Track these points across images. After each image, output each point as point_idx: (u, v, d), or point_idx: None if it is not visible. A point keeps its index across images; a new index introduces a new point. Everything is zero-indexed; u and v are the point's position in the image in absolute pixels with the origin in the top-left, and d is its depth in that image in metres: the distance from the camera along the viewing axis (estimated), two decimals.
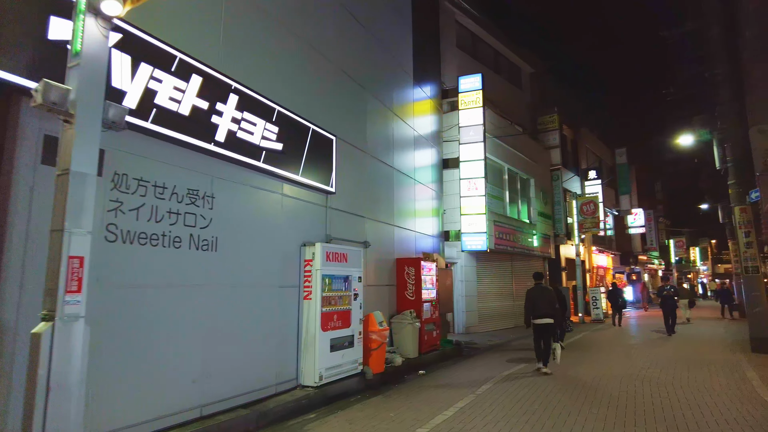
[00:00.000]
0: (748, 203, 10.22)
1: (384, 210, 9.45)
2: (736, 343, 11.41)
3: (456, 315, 14.17)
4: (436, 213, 12.40)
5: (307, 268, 6.62)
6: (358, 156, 8.60)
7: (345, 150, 8.14)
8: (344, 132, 8.11)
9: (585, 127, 26.36)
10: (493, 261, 15.69)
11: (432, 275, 9.98)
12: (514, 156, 17.09)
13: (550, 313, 8.17)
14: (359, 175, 8.61)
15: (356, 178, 8.50)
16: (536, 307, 8.28)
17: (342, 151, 7.97)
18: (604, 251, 26.51)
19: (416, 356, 8.99)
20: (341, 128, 8.01)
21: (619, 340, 12.84)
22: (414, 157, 11.13)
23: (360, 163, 8.68)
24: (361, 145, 8.72)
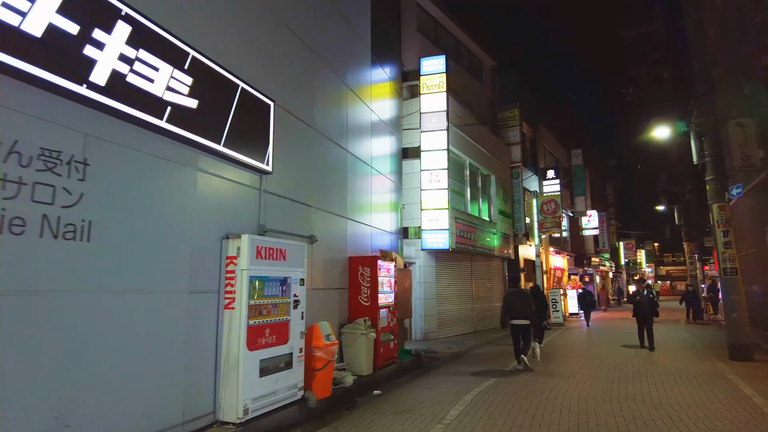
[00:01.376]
0: (727, 200, 9.53)
1: (336, 200, 8.00)
2: (708, 349, 10.76)
3: (414, 320, 12.90)
4: (394, 207, 11.07)
5: (229, 268, 5.06)
6: (304, 132, 7.11)
7: (288, 122, 6.64)
8: (287, 100, 6.61)
9: (543, 127, 25.93)
10: (453, 261, 14.56)
11: (390, 277, 8.63)
12: (477, 150, 16.07)
13: (526, 315, 8.75)
14: (306, 155, 7.12)
15: (302, 159, 7.00)
16: (513, 309, 8.80)
17: (284, 123, 6.46)
18: (560, 252, 26.17)
19: (371, 372, 7.59)
20: (284, 95, 6.50)
21: (589, 347, 11.98)
22: (371, 144, 9.74)
23: (307, 140, 7.19)
24: (308, 120, 7.23)
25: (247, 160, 5.50)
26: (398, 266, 10.51)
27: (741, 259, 12.38)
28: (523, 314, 8.69)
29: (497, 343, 12.90)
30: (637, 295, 11.70)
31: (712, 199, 9.67)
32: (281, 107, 6.43)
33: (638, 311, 11.24)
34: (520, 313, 8.70)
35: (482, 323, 15.94)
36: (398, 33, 13.17)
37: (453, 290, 14.50)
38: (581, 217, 30.33)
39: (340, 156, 8.26)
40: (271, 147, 5.94)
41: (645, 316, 11.03)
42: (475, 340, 13.24)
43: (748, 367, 8.53)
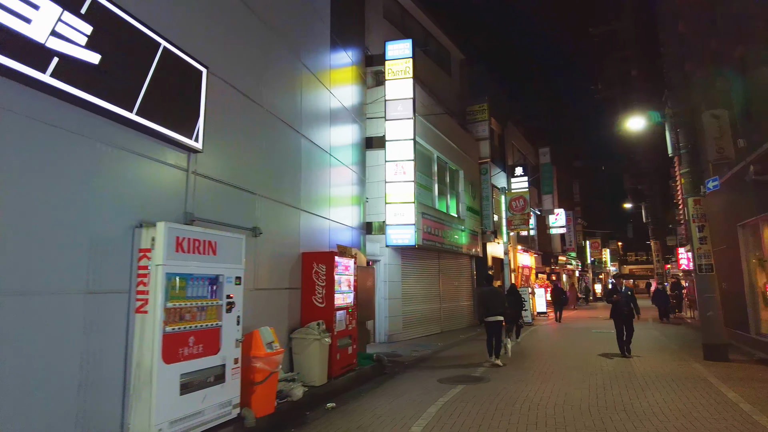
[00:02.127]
0: (702, 194, 9.16)
1: (288, 189, 7.13)
2: (682, 349, 10.41)
3: (377, 321, 12.12)
4: (357, 201, 10.26)
5: (142, 263, 4.15)
6: (250, 109, 6.22)
7: (229, 97, 5.75)
8: (229, 72, 5.72)
9: (511, 123, 25.64)
10: (419, 259, 13.87)
11: (349, 275, 7.82)
12: (445, 144, 15.44)
13: (500, 311, 9.11)
14: (251, 135, 6.23)
15: (246, 139, 6.11)
16: (489, 307, 9.17)
17: (223, 96, 5.57)
18: (528, 251, 25.94)
19: (325, 382, 6.77)
20: (225, 66, 5.62)
21: (561, 347, 11.48)
22: (331, 131, 8.91)
23: (253, 119, 6.30)
24: (255, 96, 6.34)
25: (169, 134, 4.58)
26: (360, 264, 9.72)
27: None
28: (497, 311, 9.08)
29: (464, 344, 12.27)
30: (614, 293, 10.04)
31: (687, 193, 9.29)
32: (220, 78, 5.53)
33: (617, 312, 9.64)
34: (494, 310, 9.08)
35: (449, 323, 15.32)
36: (362, 17, 12.38)
37: (419, 289, 13.81)
38: (549, 215, 30.26)
39: (293, 140, 7.39)
40: (201, 121, 5.03)
41: (625, 318, 9.50)
42: (441, 341, 12.57)
43: (725, 368, 8.13)
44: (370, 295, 9.82)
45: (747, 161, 9.05)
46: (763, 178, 8.55)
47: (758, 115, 8.81)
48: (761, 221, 9.27)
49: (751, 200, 9.45)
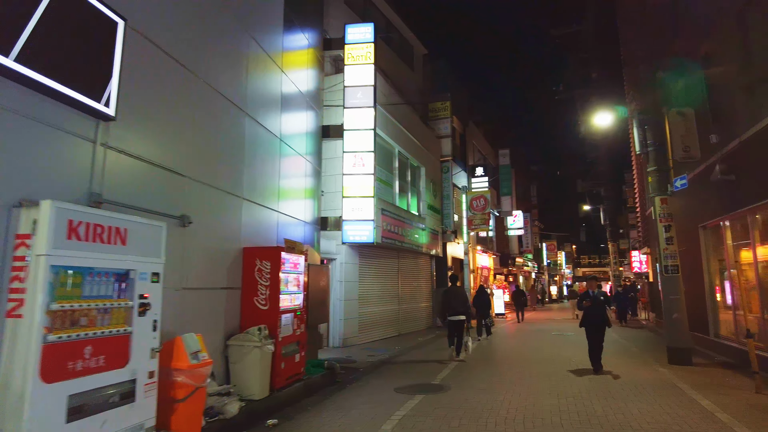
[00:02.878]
0: (669, 193, 8.93)
1: (228, 174, 6.26)
2: (644, 352, 10.20)
3: (332, 324, 11.33)
4: (311, 194, 9.46)
5: (19, 253, 3.23)
6: (182, 77, 5.32)
7: (154, 58, 4.84)
8: (154, 28, 4.81)
9: (473, 123, 25.43)
10: (378, 258, 13.18)
11: (299, 273, 7.01)
12: (407, 139, 14.84)
13: (462, 311, 9.26)
14: (182, 107, 5.34)
15: (176, 111, 5.21)
16: (451, 306, 9.32)
17: (146, 57, 4.68)
18: (486, 251, 25.80)
19: (266, 395, 5.95)
20: (148, 20, 4.72)
21: (525, 351, 11.05)
22: (284, 115, 8.09)
23: (187, 89, 5.41)
24: (190, 64, 5.45)
25: (67, 92, 3.66)
26: (312, 261, 8.93)
27: None
28: (459, 310, 9.25)
29: (423, 347, 11.67)
30: (585, 298, 8.38)
31: (655, 191, 9.05)
32: (144, 36, 4.63)
33: (588, 322, 8.11)
34: (456, 309, 9.26)
35: (408, 326, 14.72)
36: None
37: (378, 290, 13.12)
38: (507, 216, 30.33)
39: (236, 119, 6.52)
40: (115, 82, 4.12)
41: (597, 328, 8.00)
42: (399, 344, 11.93)
43: (690, 372, 7.87)
44: (324, 296, 9.04)
45: (714, 159, 8.88)
46: (728, 177, 8.37)
47: (724, 113, 8.65)
48: (723, 223, 9.14)
49: (714, 201, 9.31)
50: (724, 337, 9.57)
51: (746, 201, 7.90)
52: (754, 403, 5.84)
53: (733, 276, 8.99)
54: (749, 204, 7.81)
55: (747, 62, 8.17)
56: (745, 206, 7.96)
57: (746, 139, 7.73)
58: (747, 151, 7.76)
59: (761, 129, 7.23)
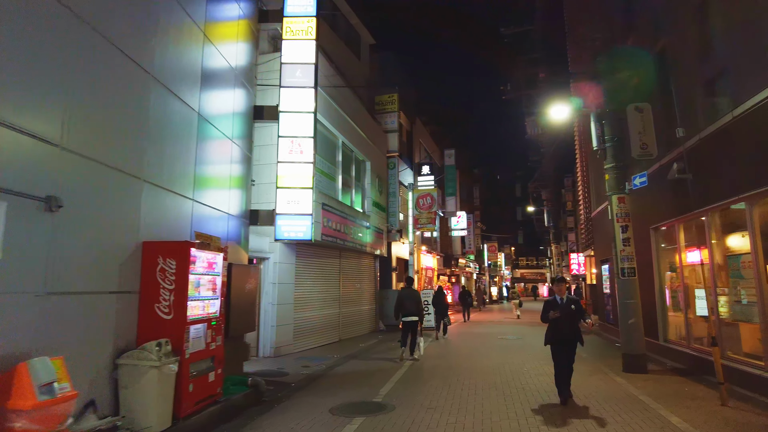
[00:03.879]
0: (627, 191, 8.49)
1: (124, 149, 4.96)
2: (595, 358, 9.76)
3: (262, 332, 10.11)
4: (239, 183, 8.22)
5: None
6: (48, 8, 4.00)
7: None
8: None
9: (420, 121, 24.82)
10: (317, 257, 12.06)
11: (215, 274, 5.80)
12: (352, 129, 13.81)
13: (415, 312, 9.58)
14: (54, 51, 4.01)
15: (42, 54, 3.89)
16: (404, 307, 9.56)
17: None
18: (431, 252, 25.27)
19: (168, 426, 4.72)
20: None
21: (473, 358, 10.32)
22: (208, 90, 6.85)
23: (56, 26, 4.07)
24: (75, 5, 4.13)
25: None
26: (238, 261, 7.74)
27: None
28: (412, 311, 9.57)
29: (365, 355, 10.68)
30: (553, 307, 6.16)
31: (612, 190, 8.58)
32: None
33: (556, 334, 6.21)
34: (409, 310, 9.56)
35: (349, 330, 13.69)
36: None
37: (316, 292, 11.99)
38: (451, 217, 30.04)
39: (137, 80, 5.22)
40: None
41: (569, 346, 6.20)
42: (339, 352, 10.88)
43: (647, 381, 7.41)
44: (251, 300, 7.84)
45: (670, 158, 8.55)
46: (685, 176, 8.03)
47: (683, 109, 8.33)
48: (678, 224, 8.85)
49: (668, 201, 9.00)
50: (673, 342, 9.31)
51: (704, 201, 7.55)
52: (725, 418, 5.34)
53: (685, 279, 8.70)
54: (707, 204, 7.46)
55: (705, 56, 7.86)
56: (703, 207, 7.62)
57: (706, 136, 7.37)
58: (707, 149, 7.40)
59: (724, 125, 6.86)
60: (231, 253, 7.58)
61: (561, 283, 6.51)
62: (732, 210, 7.14)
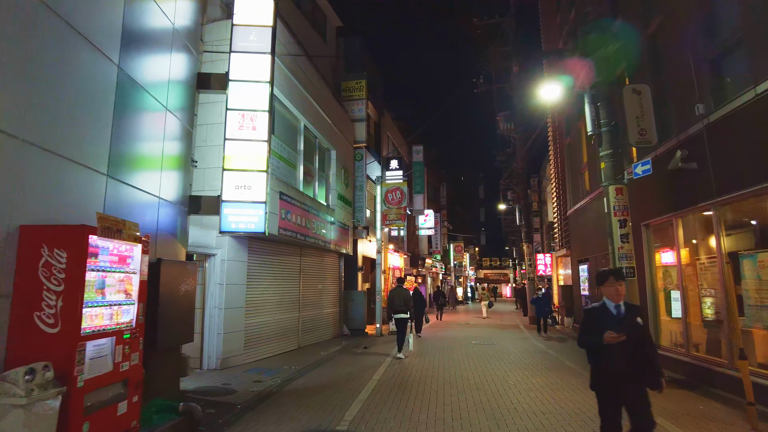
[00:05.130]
0: (625, 181, 7.57)
1: None
2: (584, 368, 8.82)
3: (207, 340, 8.67)
4: (177, 163, 6.79)
5: None
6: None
7: None
8: None
9: (388, 113, 23.70)
10: (274, 254, 10.68)
11: (131, 272, 4.41)
12: (316, 114, 12.48)
13: (404, 309, 10.15)
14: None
15: None
16: (394, 304, 10.21)
17: None
18: (398, 251, 24.18)
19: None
20: None
21: (451, 367, 9.20)
22: (138, 45, 5.45)
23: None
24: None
25: None
26: (172, 256, 6.34)
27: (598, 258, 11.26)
28: (401, 309, 10.16)
29: (327, 365, 9.39)
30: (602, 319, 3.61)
31: (608, 180, 7.65)
32: None
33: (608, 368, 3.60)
34: (399, 307, 10.18)
35: (310, 336, 12.35)
36: None
37: (273, 294, 10.61)
38: (419, 215, 29.06)
39: (32, 13, 3.79)
40: None
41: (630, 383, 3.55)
42: (297, 362, 9.55)
43: (651, 396, 6.46)
44: (189, 304, 6.42)
45: (670, 145, 7.70)
46: (689, 166, 7.19)
47: (686, 92, 7.49)
48: (676, 219, 8.02)
49: (665, 195, 8.18)
50: (668, 349, 8.50)
51: (713, 193, 6.70)
52: None
53: (685, 279, 7.88)
54: (719, 196, 6.61)
55: (710, 33, 7.04)
56: (712, 199, 6.77)
57: (719, 118, 6.51)
58: (723, 132, 6.54)
59: (740, 107, 6.01)
60: (163, 247, 6.17)
61: (618, 281, 3.66)
62: (746, 202, 6.31)
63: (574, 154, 15.02)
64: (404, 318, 10.14)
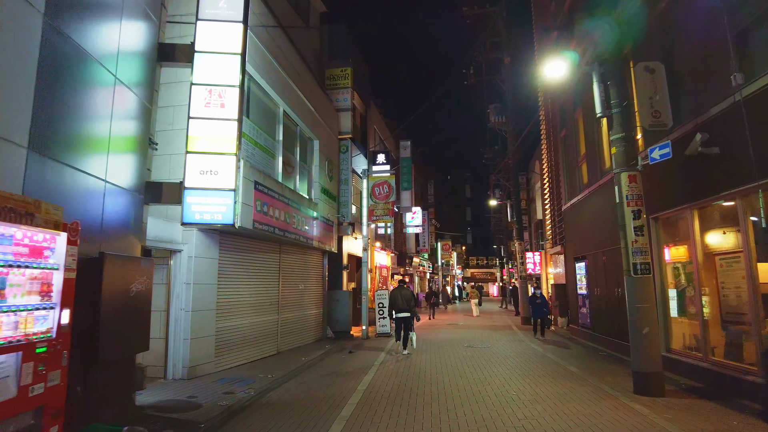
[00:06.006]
0: (639, 167, 6.81)
1: None
2: (590, 375, 8.04)
3: (171, 347, 7.73)
4: (131, 144, 5.86)
5: None
6: None
7: None
8: None
9: (375, 106, 22.82)
10: (250, 251, 9.75)
11: (51, 268, 3.49)
12: (297, 99, 11.56)
13: (406, 308, 10.53)
14: None
15: None
16: (396, 304, 10.61)
17: None
18: (385, 249, 23.34)
19: None
20: None
21: (442, 372, 8.37)
22: (87, 7, 4.51)
23: None
24: None
25: None
26: (127, 252, 5.43)
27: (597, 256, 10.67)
28: (403, 308, 10.44)
29: (308, 373, 8.49)
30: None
31: (620, 166, 6.88)
32: None
33: None
34: (401, 306, 10.46)
35: (290, 340, 11.44)
36: None
37: (248, 295, 9.67)
38: (406, 213, 28.25)
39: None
40: None
41: None
42: (276, 369, 8.65)
43: (674, 409, 5.71)
44: (142, 307, 5.50)
45: (687, 128, 6.96)
46: (711, 151, 6.45)
47: (704, 69, 6.76)
48: (691, 211, 7.30)
49: (677, 185, 7.46)
50: (680, 353, 7.79)
51: (739, 180, 5.97)
52: None
53: (701, 278, 7.16)
54: (742, 184, 5.88)
55: None
56: (736, 187, 6.04)
57: (752, 95, 5.77)
58: (751, 113, 5.80)
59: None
60: (111, 240, 5.23)
61: None
62: None
63: (570, 146, 14.33)
64: (406, 317, 10.47)
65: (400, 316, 10.54)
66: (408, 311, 10.44)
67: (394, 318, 10.65)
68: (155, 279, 8.02)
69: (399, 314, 10.54)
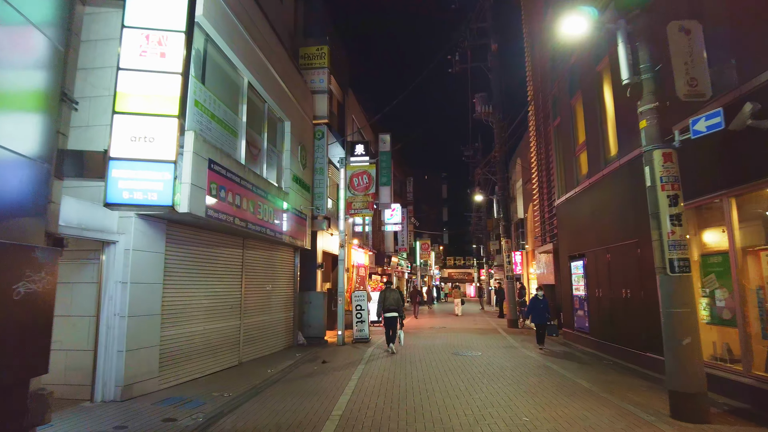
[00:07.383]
0: (675, 144, 5.65)
1: None
2: (606, 392, 6.86)
3: (102, 361, 6.23)
4: (37, 99, 4.37)
5: None
6: None
7: None
8: None
9: (353, 94, 21.45)
10: (205, 245, 8.28)
11: None
12: (266, 72, 10.11)
13: (395, 308, 10.95)
14: None
15: None
16: (385, 303, 11.02)
17: None
18: (362, 247, 21.99)
19: None
20: None
21: (433, 389, 7.08)
22: None
23: None
24: None
25: None
26: (18, 239, 3.93)
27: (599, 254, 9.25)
28: (392, 307, 10.95)
29: (274, 389, 7.06)
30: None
31: (651, 142, 5.72)
32: None
33: None
34: (390, 306, 10.98)
35: (254, 349, 9.99)
36: None
37: (203, 297, 8.20)
38: (385, 209, 26.97)
39: None
40: None
41: None
42: (235, 386, 7.22)
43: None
44: (31, 316, 4.01)
45: (730, 98, 5.85)
46: (761, 124, 5.35)
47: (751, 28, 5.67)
48: (727, 198, 6.21)
49: (710, 168, 6.37)
50: (710, 365, 6.69)
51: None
52: None
53: (741, 277, 6.07)
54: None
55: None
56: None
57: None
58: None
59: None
60: None
61: None
62: None
63: (564, 135, 13.27)
64: (394, 316, 10.90)
65: (388, 315, 10.90)
66: (396, 311, 10.87)
67: (383, 318, 11.00)
68: (81, 277, 6.51)
69: (387, 314, 10.90)
